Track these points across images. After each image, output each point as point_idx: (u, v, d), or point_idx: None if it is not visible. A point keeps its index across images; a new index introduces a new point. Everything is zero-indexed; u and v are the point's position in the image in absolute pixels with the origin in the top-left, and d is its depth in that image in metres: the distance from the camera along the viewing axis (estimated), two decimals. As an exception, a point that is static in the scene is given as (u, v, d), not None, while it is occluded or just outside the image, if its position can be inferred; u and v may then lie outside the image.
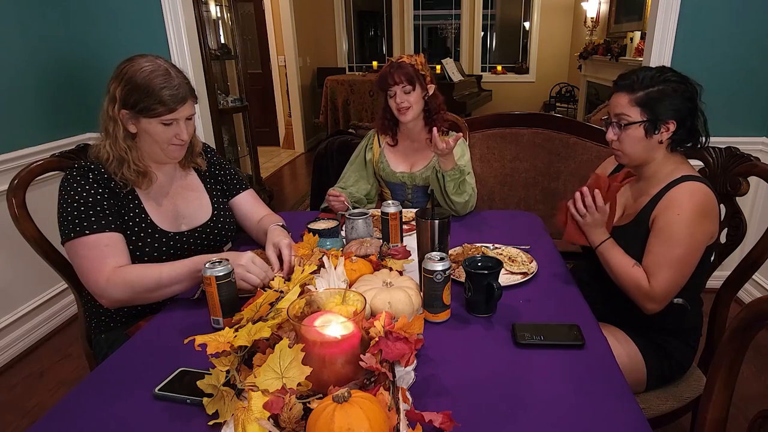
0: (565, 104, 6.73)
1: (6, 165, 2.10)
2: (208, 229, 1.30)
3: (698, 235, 1.09)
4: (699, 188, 1.10)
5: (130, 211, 1.18)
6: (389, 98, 1.65)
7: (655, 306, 1.12)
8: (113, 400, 0.82)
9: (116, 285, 1.08)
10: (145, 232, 1.19)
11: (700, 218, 1.08)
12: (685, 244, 1.08)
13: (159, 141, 1.16)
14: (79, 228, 1.09)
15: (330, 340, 0.75)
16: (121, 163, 1.16)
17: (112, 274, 1.08)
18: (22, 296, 2.21)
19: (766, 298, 0.67)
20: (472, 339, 0.97)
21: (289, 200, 4.41)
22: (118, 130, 1.15)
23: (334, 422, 0.63)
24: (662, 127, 1.12)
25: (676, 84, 1.11)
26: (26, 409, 1.84)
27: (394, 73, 1.60)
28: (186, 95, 1.15)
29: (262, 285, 1.06)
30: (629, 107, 1.12)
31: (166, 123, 1.14)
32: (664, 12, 2.15)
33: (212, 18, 3.55)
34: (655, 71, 1.13)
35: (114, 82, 1.14)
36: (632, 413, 0.76)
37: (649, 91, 1.11)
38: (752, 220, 2.30)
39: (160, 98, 1.11)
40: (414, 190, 1.79)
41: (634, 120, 1.12)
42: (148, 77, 1.11)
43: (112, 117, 1.14)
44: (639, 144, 1.14)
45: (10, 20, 2.14)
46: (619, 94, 1.15)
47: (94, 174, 1.15)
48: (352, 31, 7.45)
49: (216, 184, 1.39)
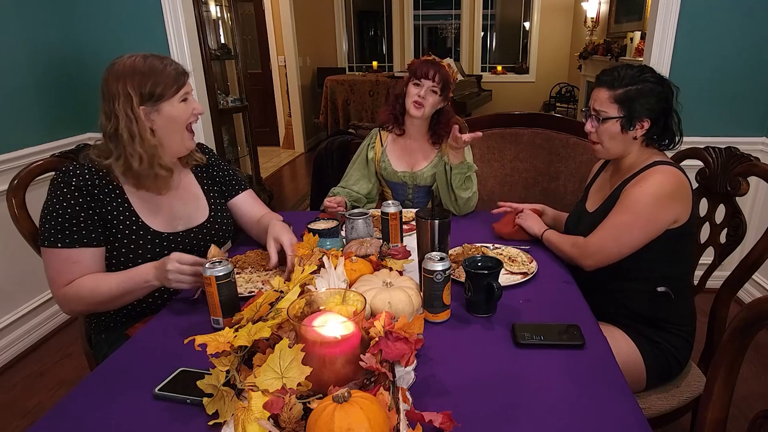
0: (565, 104, 6.74)
1: (6, 165, 2.10)
2: (205, 230, 1.30)
3: (655, 212, 1.12)
4: (669, 170, 1.14)
5: (120, 215, 1.16)
6: (412, 86, 1.65)
7: (590, 262, 1.19)
8: (113, 400, 0.82)
9: (71, 298, 1.11)
10: (136, 235, 1.18)
11: (663, 197, 1.12)
12: (634, 212, 1.13)
13: (180, 122, 1.18)
14: (53, 239, 1.09)
15: (330, 340, 0.75)
16: (152, 162, 1.15)
17: (69, 288, 1.10)
18: (22, 296, 2.21)
19: (766, 298, 0.67)
20: (472, 339, 0.97)
21: (289, 200, 4.42)
22: (144, 129, 1.13)
23: (334, 422, 0.63)
24: (637, 124, 1.18)
25: (652, 85, 1.17)
26: (26, 408, 1.84)
27: (434, 69, 1.62)
28: (184, 69, 1.19)
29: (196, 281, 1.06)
30: (608, 104, 1.18)
31: (183, 99, 1.17)
32: (664, 12, 2.16)
33: (212, 18, 3.55)
34: (636, 71, 1.18)
35: (117, 83, 1.10)
36: (632, 413, 0.76)
37: (627, 89, 1.17)
38: (752, 220, 2.30)
39: (170, 75, 1.14)
40: (415, 190, 1.79)
41: (611, 116, 1.18)
42: (147, 64, 1.12)
43: (134, 117, 1.11)
44: (615, 138, 1.21)
45: (10, 20, 2.14)
46: (601, 89, 1.20)
47: (80, 180, 1.12)
48: (352, 31, 7.46)
49: (213, 185, 1.38)
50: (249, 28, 5.70)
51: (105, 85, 1.12)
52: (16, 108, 2.18)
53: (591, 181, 1.42)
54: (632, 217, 1.13)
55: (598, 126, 1.21)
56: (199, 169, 1.36)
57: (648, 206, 1.12)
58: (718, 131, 2.19)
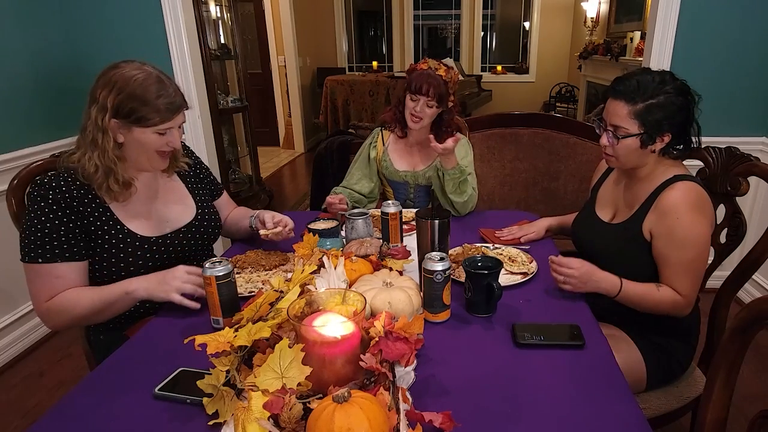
0: (565, 104, 6.74)
1: (5, 165, 2.10)
2: (193, 229, 1.28)
3: (702, 231, 1.10)
4: (689, 187, 1.11)
5: (104, 224, 1.14)
6: (409, 99, 1.64)
7: (690, 309, 1.15)
8: (113, 399, 0.82)
9: (54, 313, 1.10)
10: (124, 243, 1.15)
11: (698, 215, 1.10)
12: (694, 244, 1.10)
13: (148, 150, 1.13)
14: (34, 254, 1.07)
15: (330, 340, 0.75)
16: (107, 174, 1.10)
17: (51, 303, 1.09)
18: (22, 296, 2.21)
19: (766, 298, 0.67)
20: (472, 339, 0.97)
21: (289, 200, 4.42)
22: (108, 142, 1.09)
23: (334, 422, 0.63)
24: (657, 139, 1.12)
25: (674, 97, 1.08)
26: (26, 408, 1.84)
27: (428, 85, 1.59)
28: (181, 103, 1.13)
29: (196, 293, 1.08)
30: (627, 119, 1.10)
31: (161, 132, 1.11)
32: (663, 12, 2.16)
33: (212, 18, 3.55)
34: (657, 80, 1.09)
35: (102, 90, 1.08)
36: (632, 413, 0.76)
37: (649, 103, 1.08)
38: (752, 220, 2.30)
39: (157, 107, 1.08)
40: (416, 190, 1.79)
41: (631, 133, 1.10)
42: (142, 86, 1.07)
43: (101, 127, 1.08)
44: (633, 153, 1.14)
45: (9, 19, 2.13)
46: (618, 102, 1.11)
47: (56, 194, 1.09)
48: (352, 31, 7.46)
49: (199, 183, 1.37)
50: (249, 28, 5.70)
51: (94, 83, 1.10)
52: (16, 108, 2.18)
53: (598, 182, 1.36)
54: (697, 249, 1.10)
55: (615, 143, 1.13)
56: (184, 170, 1.34)
57: (700, 234, 1.10)
58: (718, 131, 2.19)
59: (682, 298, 1.12)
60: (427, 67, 1.64)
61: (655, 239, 1.14)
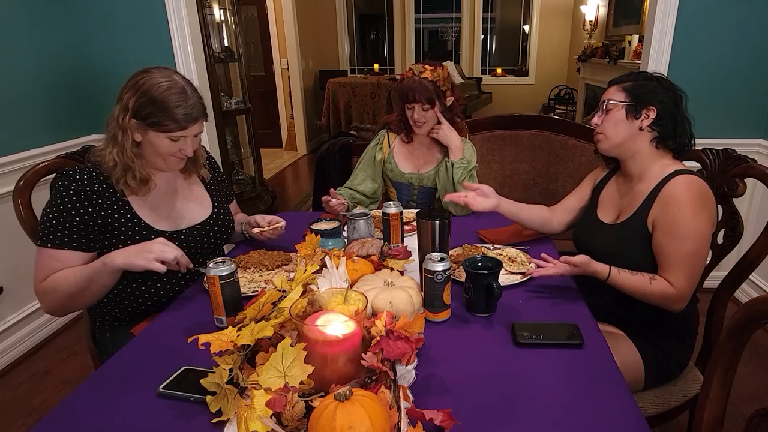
0: (564, 106, 6.74)
1: (12, 166, 2.12)
2: (207, 227, 1.32)
3: (703, 225, 1.10)
4: (693, 180, 1.12)
5: (121, 217, 1.18)
6: (406, 109, 1.68)
7: (683, 304, 1.14)
8: (118, 398, 0.83)
9: (45, 293, 1.12)
10: (140, 235, 1.19)
11: (700, 208, 1.10)
12: (694, 236, 1.10)
13: (162, 153, 1.18)
14: (45, 239, 1.12)
15: (332, 338, 0.76)
16: (125, 170, 1.16)
17: (45, 282, 1.12)
18: (28, 295, 2.22)
19: (763, 298, 0.68)
20: (472, 338, 0.98)
21: (291, 201, 4.43)
22: (126, 140, 1.15)
23: (335, 420, 0.64)
24: (643, 112, 1.16)
25: (663, 82, 1.18)
26: (32, 407, 1.86)
27: (415, 93, 1.62)
28: (198, 115, 1.17)
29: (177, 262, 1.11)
30: (616, 92, 1.20)
31: (174, 139, 1.16)
32: (661, 15, 2.17)
33: (216, 21, 3.56)
34: (649, 74, 1.20)
35: (128, 92, 1.13)
36: (630, 412, 0.77)
37: (639, 83, 1.19)
38: (749, 221, 2.31)
39: (174, 116, 1.13)
40: (420, 191, 1.80)
41: (616, 101, 1.18)
42: (164, 93, 1.12)
43: (121, 126, 1.14)
44: (619, 126, 1.18)
45: (17, 21, 2.15)
46: (610, 87, 1.23)
47: (79, 185, 1.13)
48: (354, 34, 7.47)
49: (217, 185, 1.42)
50: (252, 31, 5.71)
51: (124, 84, 1.16)
52: (23, 110, 2.20)
53: (598, 186, 1.36)
54: (696, 242, 1.10)
55: (603, 116, 1.20)
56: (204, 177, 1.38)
57: (700, 227, 1.10)
58: (716, 133, 2.20)
59: (674, 291, 1.11)
60: (411, 74, 1.65)
61: (655, 230, 1.14)
